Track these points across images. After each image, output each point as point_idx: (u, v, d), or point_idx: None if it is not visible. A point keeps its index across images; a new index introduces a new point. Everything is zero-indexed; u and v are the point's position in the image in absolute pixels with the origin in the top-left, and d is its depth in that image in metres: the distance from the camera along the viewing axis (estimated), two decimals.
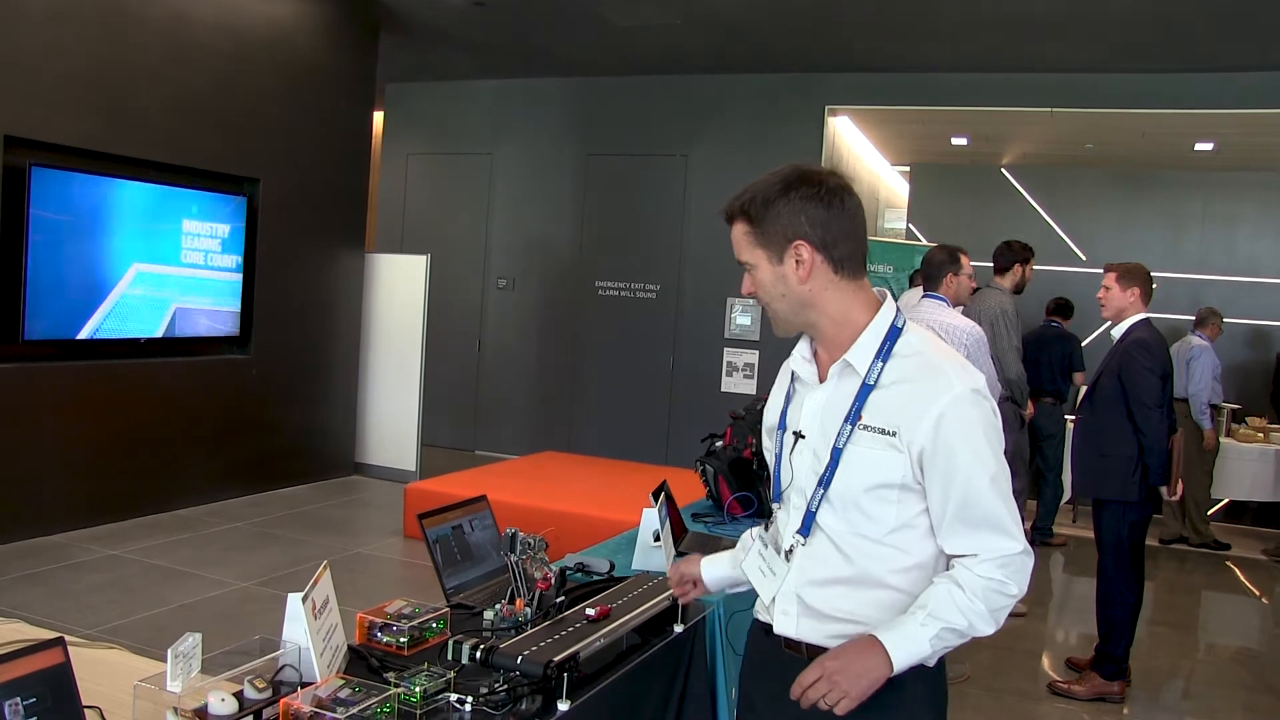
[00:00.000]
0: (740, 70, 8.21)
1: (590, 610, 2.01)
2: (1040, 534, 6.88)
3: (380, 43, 7.74)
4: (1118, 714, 4.16)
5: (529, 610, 2.08)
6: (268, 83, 6.76)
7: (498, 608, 2.09)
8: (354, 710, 1.56)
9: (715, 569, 1.96)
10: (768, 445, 1.78)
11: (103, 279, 5.78)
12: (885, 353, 1.60)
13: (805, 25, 7.02)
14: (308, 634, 1.72)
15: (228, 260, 6.57)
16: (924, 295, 4.44)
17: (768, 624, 1.73)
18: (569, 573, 2.48)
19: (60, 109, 5.46)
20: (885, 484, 1.58)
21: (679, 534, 2.94)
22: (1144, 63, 7.15)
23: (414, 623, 1.97)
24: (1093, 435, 4.23)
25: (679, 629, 2.25)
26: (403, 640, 1.94)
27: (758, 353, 8.28)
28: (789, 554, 1.69)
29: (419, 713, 1.65)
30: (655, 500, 2.64)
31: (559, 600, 2.14)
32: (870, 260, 4.07)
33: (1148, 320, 4.17)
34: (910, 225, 9.35)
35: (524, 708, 1.71)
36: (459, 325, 9.15)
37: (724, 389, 8.30)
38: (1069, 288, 7.74)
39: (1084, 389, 4.67)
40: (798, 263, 1.60)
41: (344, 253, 7.59)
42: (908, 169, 10.49)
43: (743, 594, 1.95)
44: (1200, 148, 8.76)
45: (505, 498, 5.15)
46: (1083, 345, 7.01)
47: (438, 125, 9.54)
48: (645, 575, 2.36)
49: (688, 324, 8.54)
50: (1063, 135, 8.72)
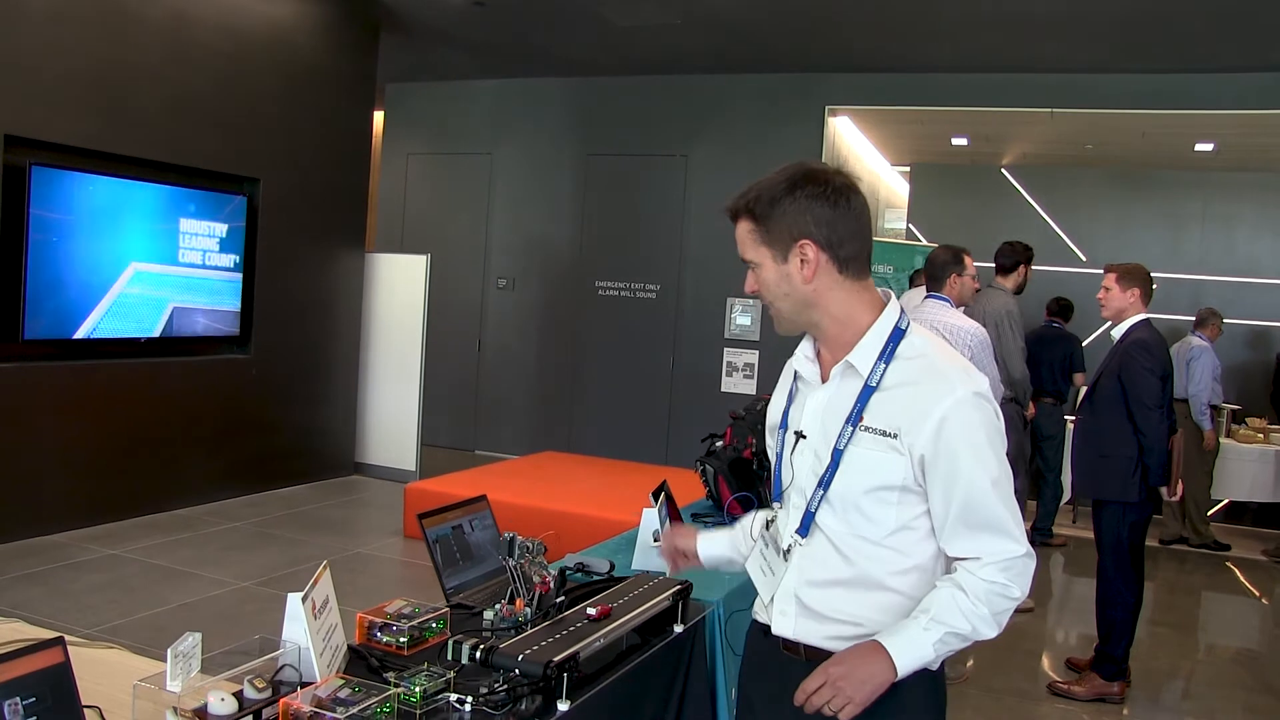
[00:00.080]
0: (740, 70, 8.20)
1: (590, 610, 2.01)
2: (1040, 534, 6.87)
3: (380, 43, 7.74)
4: (1117, 714, 4.16)
5: (529, 610, 2.08)
6: (268, 83, 6.76)
7: (497, 608, 2.08)
8: (354, 710, 1.56)
9: (712, 547, 1.99)
10: (770, 444, 1.78)
11: (100, 278, 5.77)
12: (888, 354, 1.60)
13: (805, 25, 7.02)
14: (307, 634, 1.71)
15: (227, 260, 6.56)
16: (927, 296, 4.44)
17: (766, 624, 1.74)
18: (569, 572, 2.47)
19: (60, 109, 5.46)
20: (885, 486, 1.57)
21: None
22: (1144, 63, 7.15)
23: (414, 623, 1.96)
24: (1093, 436, 4.23)
25: (679, 629, 2.24)
26: (402, 640, 1.94)
27: (758, 353, 8.27)
28: (787, 553, 1.69)
29: (419, 713, 1.65)
30: (655, 500, 2.64)
31: (559, 600, 2.14)
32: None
33: (1148, 321, 4.17)
34: (910, 225, 9.35)
35: (524, 708, 1.71)
36: (459, 325, 9.15)
37: (724, 389, 8.29)
38: (1069, 288, 7.72)
39: (1084, 390, 4.67)
40: (803, 262, 1.59)
41: (344, 252, 7.59)
42: (908, 169, 10.49)
43: (743, 594, 1.95)
44: (1200, 148, 8.76)
45: (505, 498, 5.14)
46: (1083, 346, 7.00)
47: (438, 125, 9.54)
48: (645, 575, 2.35)
49: (688, 324, 8.54)
50: (1062, 135, 8.71)
